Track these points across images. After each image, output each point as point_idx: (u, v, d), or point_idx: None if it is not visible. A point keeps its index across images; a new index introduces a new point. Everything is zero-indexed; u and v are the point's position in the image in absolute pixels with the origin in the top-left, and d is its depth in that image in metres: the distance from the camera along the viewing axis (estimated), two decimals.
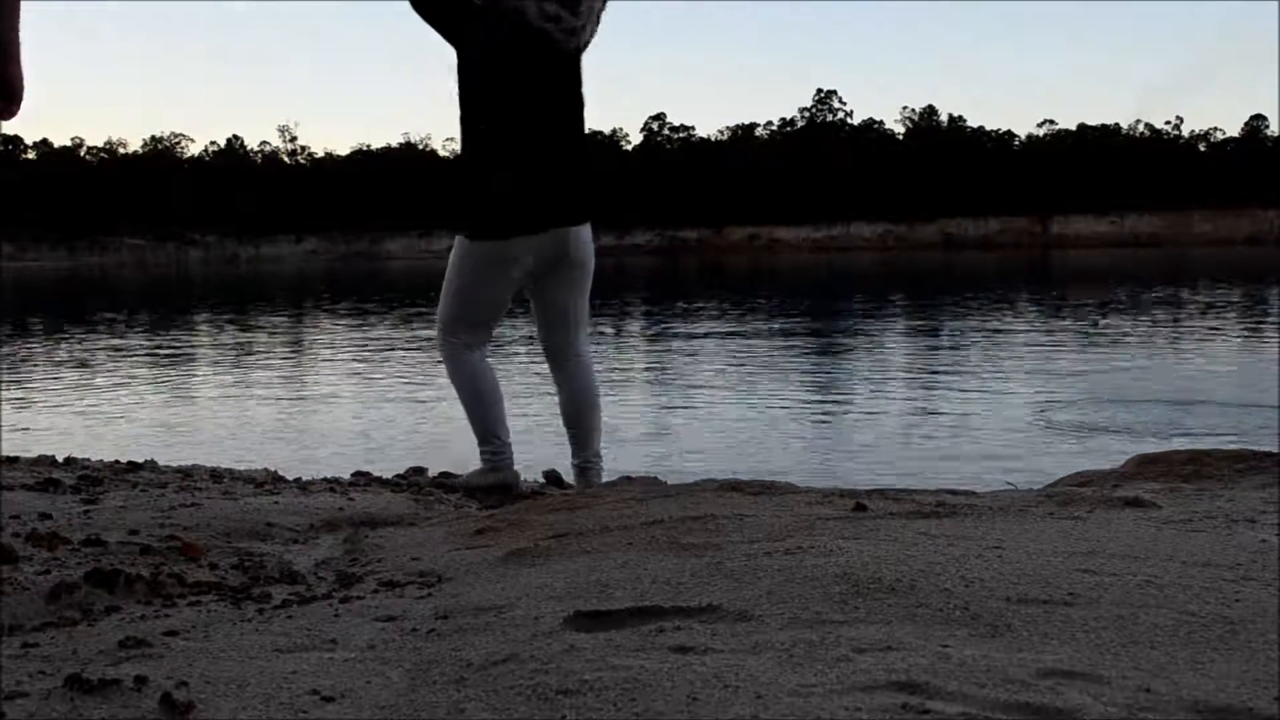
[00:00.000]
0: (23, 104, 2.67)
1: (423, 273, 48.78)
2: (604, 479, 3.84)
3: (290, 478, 4.10)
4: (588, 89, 3.69)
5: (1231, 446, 4.00)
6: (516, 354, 11.03)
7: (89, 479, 3.59)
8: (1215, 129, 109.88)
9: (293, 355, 11.95)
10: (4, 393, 8.72)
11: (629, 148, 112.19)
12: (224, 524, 2.86)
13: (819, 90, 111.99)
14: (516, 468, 3.87)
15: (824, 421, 6.79)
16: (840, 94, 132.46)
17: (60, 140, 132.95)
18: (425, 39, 3.63)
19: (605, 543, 2.38)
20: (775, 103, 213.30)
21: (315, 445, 5.98)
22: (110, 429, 6.90)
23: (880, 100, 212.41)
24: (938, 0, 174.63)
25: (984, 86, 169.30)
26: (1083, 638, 1.62)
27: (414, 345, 12.77)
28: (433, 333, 3.84)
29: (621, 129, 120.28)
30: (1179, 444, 4.89)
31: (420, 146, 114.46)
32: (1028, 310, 17.32)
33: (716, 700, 1.38)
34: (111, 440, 6.32)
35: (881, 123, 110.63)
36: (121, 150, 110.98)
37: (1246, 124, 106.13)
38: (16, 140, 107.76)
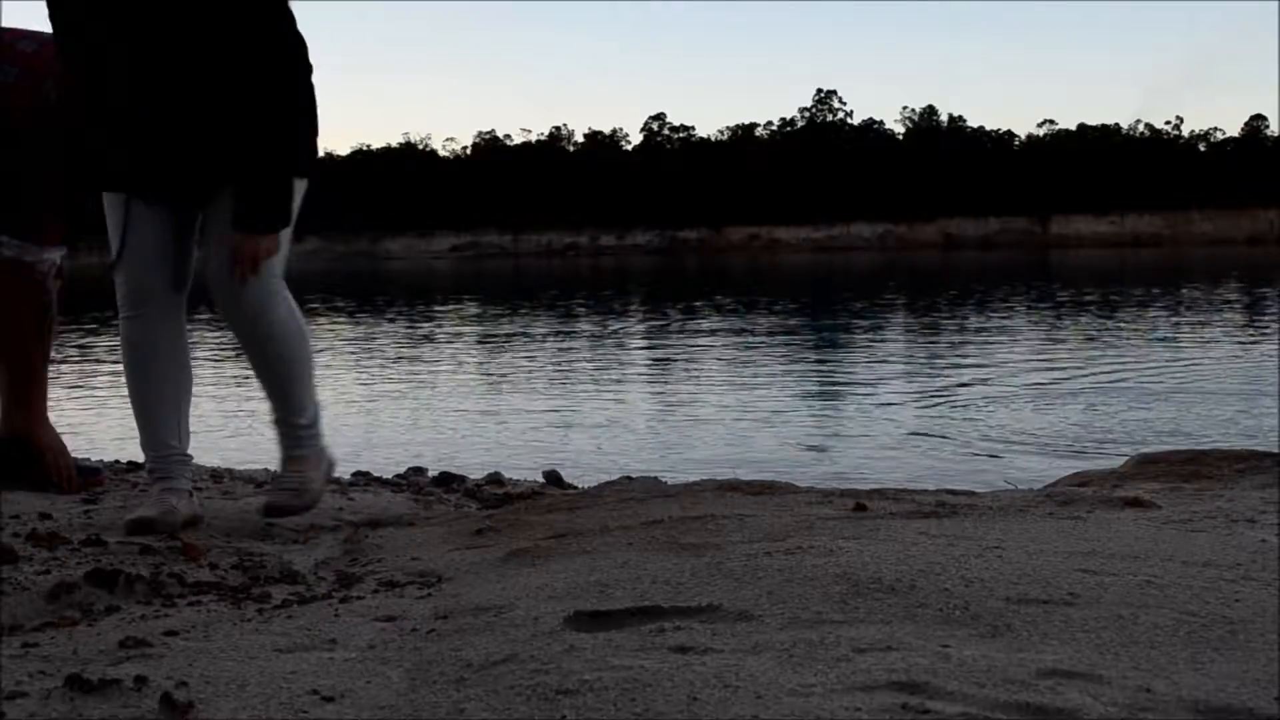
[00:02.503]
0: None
1: (422, 273, 48.78)
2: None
3: None
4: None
5: (1232, 446, 4.00)
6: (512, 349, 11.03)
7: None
8: (1215, 129, 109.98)
9: None
10: None
11: (629, 148, 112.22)
12: (224, 524, 2.86)
13: (819, 90, 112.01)
14: (518, 473, 3.89)
15: (824, 421, 6.78)
16: (840, 94, 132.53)
17: None
18: (424, 39, 3.58)
19: (605, 543, 2.38)
20: (775, 103, 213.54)
21: None
22: (110, 429, 6.90)
23: (880, 100, 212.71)
24: (938, 0, 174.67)
25: (984, 86, 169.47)
26: (1083, 638, 1.62)
27: (413, 345, 12.77)
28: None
29: (621, 129, 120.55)
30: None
31: (420, 146, 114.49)
32: (1027, 309, 17.32)
33: (716, 700, 1.38)
34: (111, 440, 6.32)
35: (881, 123, 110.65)
36: None
37: (1246, 124, 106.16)
38: None
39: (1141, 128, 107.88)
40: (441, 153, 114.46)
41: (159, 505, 2.74)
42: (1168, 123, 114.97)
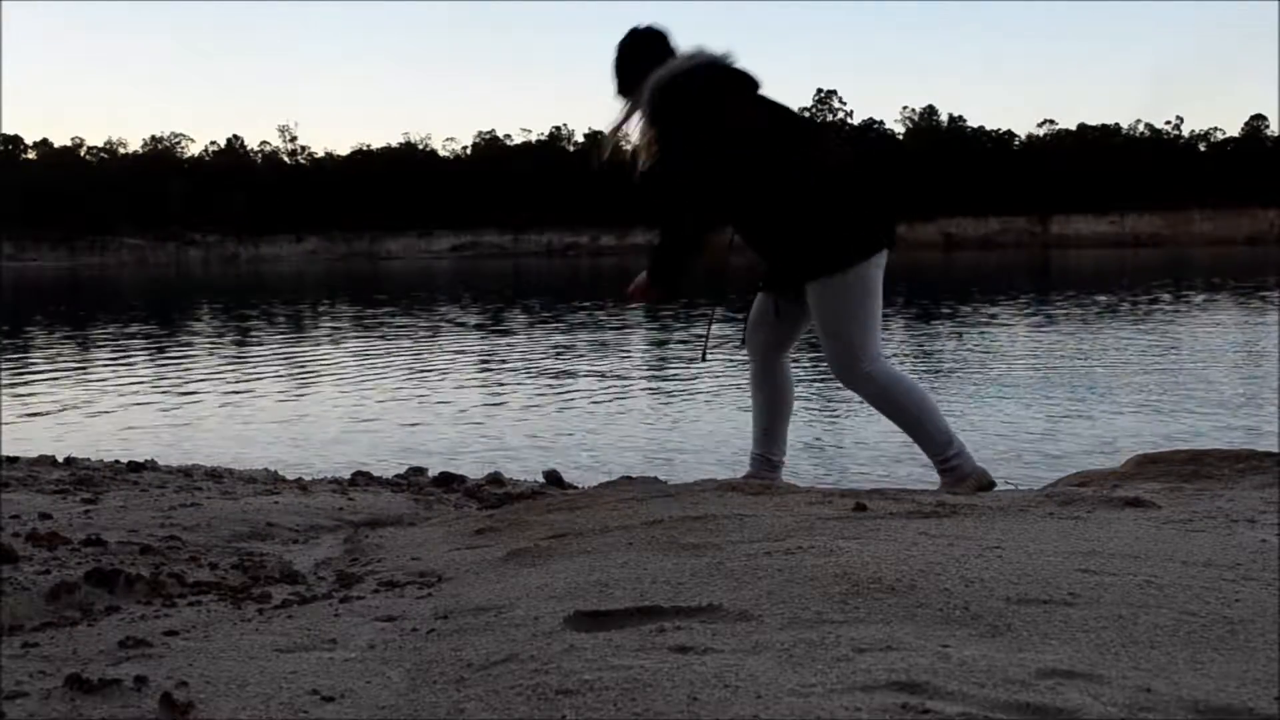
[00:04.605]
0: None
1: (423, 273, 48.76)
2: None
3: (290, 478, 4.10)
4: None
5: (1232, 446, 4.00)
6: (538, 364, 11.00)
7: (89, 479, 3.60)
8: (1215, 129, 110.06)
9: (293, 355, 11.95)
10: (5, 392, 8.72)
11: (628, 147, 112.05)
12: (224, 524, 2.86)
13: (819, 90, 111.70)
14: (518, 473, 3.87)
15: (824, 421, 6.79)
16: (840, 94, 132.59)
17: (60, 140, 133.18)
18: (424, 38, 3.60)
19: (605, 543, 2.38)
20: None
21: (315, 445, 5.99)
22: (110, 429, 6.90)
23: (880, 100, 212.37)
24: (938, 0, 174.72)
25: (984, 86, 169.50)
26: (1083, 638, 1.62)
27: (414, 344, 12.77)
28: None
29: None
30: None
31: (420, 146, 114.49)
32: (1028, 309, 17.32)
33: (716, 700, 1.38)
34: (111, 440, 6.32)
35: (881, 123, 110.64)
36: (121, 150, 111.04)
37: (1246, 124, 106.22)
38: (16, 140, 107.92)
39: (1141, 128, 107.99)
40: (441, 153, 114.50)
41: None
42: (1168, 123, 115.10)
